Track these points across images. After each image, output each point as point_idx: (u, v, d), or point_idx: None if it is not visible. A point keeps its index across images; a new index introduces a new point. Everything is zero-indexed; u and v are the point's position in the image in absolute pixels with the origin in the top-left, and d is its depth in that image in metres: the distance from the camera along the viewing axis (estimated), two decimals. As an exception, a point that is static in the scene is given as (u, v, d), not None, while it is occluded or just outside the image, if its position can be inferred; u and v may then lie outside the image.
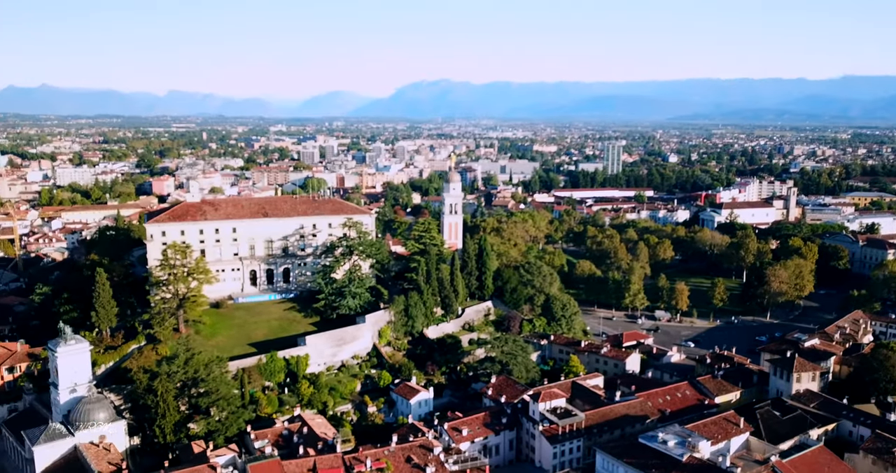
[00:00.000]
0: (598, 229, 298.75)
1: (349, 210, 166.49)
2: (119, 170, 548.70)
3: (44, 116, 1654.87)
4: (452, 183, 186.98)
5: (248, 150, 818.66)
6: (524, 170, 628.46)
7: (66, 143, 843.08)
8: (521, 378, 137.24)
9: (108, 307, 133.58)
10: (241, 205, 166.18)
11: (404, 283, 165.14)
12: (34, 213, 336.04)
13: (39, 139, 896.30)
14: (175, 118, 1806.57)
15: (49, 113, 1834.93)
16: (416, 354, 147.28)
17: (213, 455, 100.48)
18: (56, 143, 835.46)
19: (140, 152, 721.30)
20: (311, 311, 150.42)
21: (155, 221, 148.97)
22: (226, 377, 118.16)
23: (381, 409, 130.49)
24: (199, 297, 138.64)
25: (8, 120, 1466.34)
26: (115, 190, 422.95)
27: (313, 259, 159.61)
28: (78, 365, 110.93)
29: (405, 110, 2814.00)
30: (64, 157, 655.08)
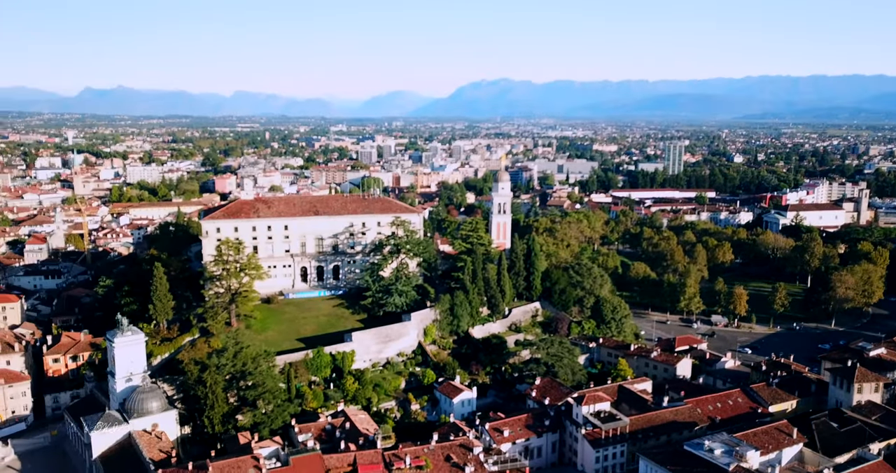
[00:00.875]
0: (655, 230, 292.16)
1: (398, 209, 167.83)
2: (185, 169, 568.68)
3: (118, 117, 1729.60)
4: (501, 182, 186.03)
5: (308, 150, 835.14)
6: (582, 170, 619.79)
7: (137, 143, 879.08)
8: (567, 380, 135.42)
9: (164, 300, 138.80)
10: (293, 203, 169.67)
11: (451, 282, 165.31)
12: (104, 210, 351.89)
13: (113, 138, 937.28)
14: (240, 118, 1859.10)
15: (124, 113, 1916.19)
16: (460, 353, 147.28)
17: (258, 446, 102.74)
18: (128, 143, 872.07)
19: (206, 151, 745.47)
20: (359, 308, 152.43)
21: (210, 218, 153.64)
22: (273, 371, 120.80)
23: (424, 407, 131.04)
24: (251, 292, 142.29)
25: (85, 120, 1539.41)
26: (180, 187, 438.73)
27: (362, 256, 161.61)
28: (134, 355, 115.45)
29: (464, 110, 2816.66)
30: (135, 156, 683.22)
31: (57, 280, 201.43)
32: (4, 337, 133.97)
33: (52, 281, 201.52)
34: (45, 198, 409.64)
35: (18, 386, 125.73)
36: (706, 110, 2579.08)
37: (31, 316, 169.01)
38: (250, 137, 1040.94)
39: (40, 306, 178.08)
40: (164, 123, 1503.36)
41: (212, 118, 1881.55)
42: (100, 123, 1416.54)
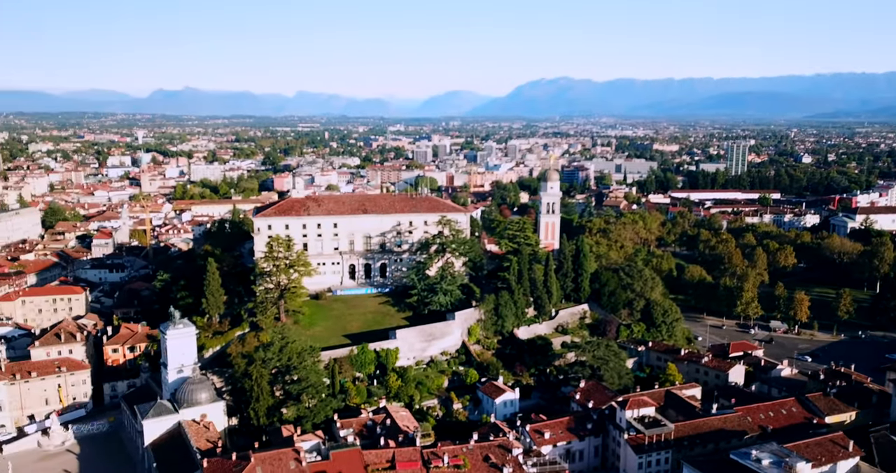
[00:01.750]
0: (713, 233, 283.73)
1: (445, 208, 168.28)
2: (246, 168, 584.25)
3: (186, 117, 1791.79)
4: (550, 181, 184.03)
5: (365, 149, 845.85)
6: (640, 170, 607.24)
7: (202, 142, 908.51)
8: (613, 384, 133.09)
9: (216, 295, 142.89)
10: (342, 201, 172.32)
11: (497, 282, 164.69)
12: (168, 206, 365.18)
13: (180, 138, 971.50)
14: (301, 118, 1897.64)
15: (191, 114, 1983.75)
16: (505, 354, 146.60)
17: (300, 439, 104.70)
18: (194, 142, 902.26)
19: (267, 150, 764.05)
20: (405, 306, 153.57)
21: (262, 215, 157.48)
22: (317, 366, 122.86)
23: (467, 407, 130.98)
24: (299, 289, 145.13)
25: (155, 120, 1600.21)
26: (240, 185, 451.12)
27: (409, 255, 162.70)
28: (185, 347, 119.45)
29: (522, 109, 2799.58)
30: (199, 155, 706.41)
31: (120, 273, 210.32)
32: (68, 327, 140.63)
33: (116, 274, 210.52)
34: (114, 195, 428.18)
35: (80, 374, 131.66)
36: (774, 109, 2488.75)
37: (94, 308, 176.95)
38: (310, 137, 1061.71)
39: (103, 298, 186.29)
40: (228, 123, 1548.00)
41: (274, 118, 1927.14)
42: (168, 123, 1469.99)
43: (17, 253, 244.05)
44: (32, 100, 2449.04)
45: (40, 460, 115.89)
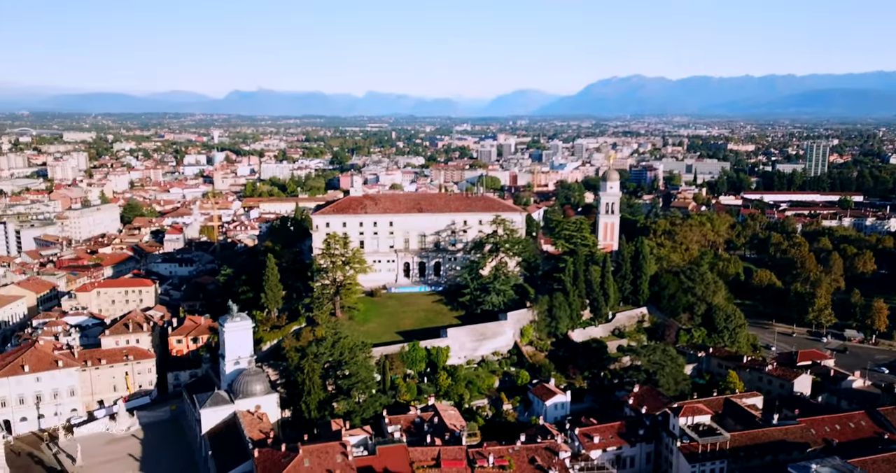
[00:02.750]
0: (785, 236, 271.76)
1: (500, 207, 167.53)
2: (313, 167, 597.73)
3: (259, 117, 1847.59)
4: (610, 181, 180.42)
5: (431, 149, 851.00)
6: (712, 170, 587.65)
7: (274, 141, 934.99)
8: (669, 390, 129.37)
9: (275, 289, 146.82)
10: (398, 200, 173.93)
11: (553, 284, 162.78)
12: (237, 204, 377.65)
13: (253, 137, 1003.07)
14: (371, 118, 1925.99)
15: (264, 114, 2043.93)
16: (558, 356, 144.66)
17: (348, 433, 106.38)
18: (266, 141, 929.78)
19: (335, 150, 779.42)
20: (457, 305, 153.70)
21: (321, 213, 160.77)
22: (368, 362, 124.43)
23: (517, 408, 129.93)
24: (354, 285, 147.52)
25: (231, 120, 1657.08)
26: (307, 184, 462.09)
27: (463, 254, 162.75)
28: (241, 340, 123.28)
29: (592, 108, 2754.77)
30: (270, 154, 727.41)
31: (189, 267, 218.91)
32: (136, 317, 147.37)
33: (185, 268, 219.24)
34: (188, 192, 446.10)
35: (145, 362, 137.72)
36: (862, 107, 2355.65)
37: (163, 300, 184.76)
38: (378, 137, 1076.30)
39: (172, 291, 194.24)
40: (299, 123, 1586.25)
41: (344, 118, 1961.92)
42: (243, 123, 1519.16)
43: (96, 247, 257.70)
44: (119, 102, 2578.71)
45: (107, 443, 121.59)
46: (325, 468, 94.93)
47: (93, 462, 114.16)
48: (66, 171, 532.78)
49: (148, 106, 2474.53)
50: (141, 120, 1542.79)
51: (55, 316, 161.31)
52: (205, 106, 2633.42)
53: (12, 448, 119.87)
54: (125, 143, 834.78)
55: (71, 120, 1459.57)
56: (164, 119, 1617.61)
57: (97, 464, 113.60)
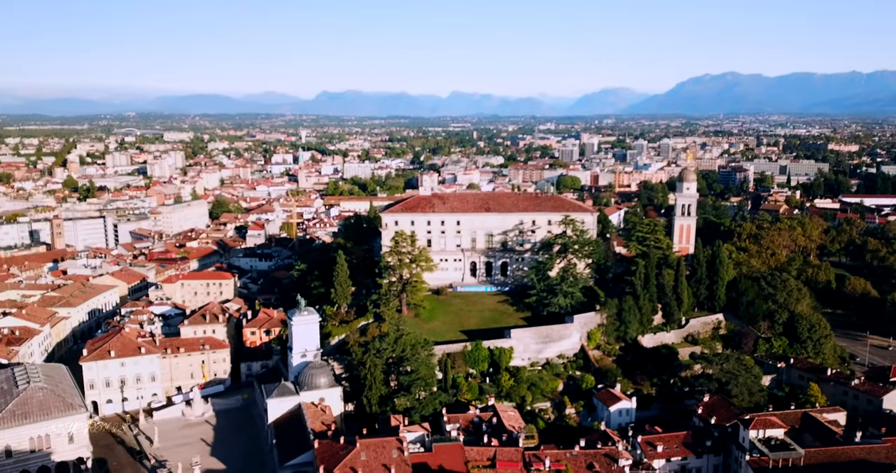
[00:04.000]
0: (884, 242, 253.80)
1: (570, 207, 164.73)
2: (394, 166, 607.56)
3: (347, 117, 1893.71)
4: (686, 182, 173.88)
5: (512, 148, 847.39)
6: (808, 172, 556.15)
7: (359, 141, 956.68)
8: (742, 400, 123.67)
9: (344, 285, 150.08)
10: (466, 199, 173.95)
11: (626, 287, 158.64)
12: (319, 202, 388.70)
13: (339, 137, 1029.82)
14: (454, 118, 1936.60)
15: (351, 114, 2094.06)
16: (626, 361, 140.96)
17: (406, 430, 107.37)
18: (351, 141, 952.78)
19: (417, 150, 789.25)
20: (523, 306, 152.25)
21: (390, 211, 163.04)
22: (430, 359, 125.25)
23: (580, 412, 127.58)
24: (420, 283, 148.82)
25: (319, 121, 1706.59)
26: (387, 183, 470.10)
27: (531, 255, 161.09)
28: (309, 333, 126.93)
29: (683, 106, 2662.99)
30: (354, 154, 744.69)
31: (268, 262, 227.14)
32: (213, 309, 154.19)
33: (265, 263, 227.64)
34: (273, 190, 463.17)
35: (220, 352, 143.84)
36: None
37: (241, 293, 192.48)
38: (460, 136, 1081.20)
39: (250, 284, 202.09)
40: (384, 123, 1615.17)
41: (428, 118, 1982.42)
42: (330, 123, 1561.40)
43: (184, 241, 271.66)
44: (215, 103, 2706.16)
45: (182, 428, 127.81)
46: (380, 462, 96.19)
47: (168, 445, 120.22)
48: (163, 169, 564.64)
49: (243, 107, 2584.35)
50: (235, 120, 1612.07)
51: (142, 305, 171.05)
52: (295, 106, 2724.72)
53: (98, 428, 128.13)
54: (219, 143, 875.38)
55: (172, 120, 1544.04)
56: (256, 119, 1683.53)
57: (172, 447, 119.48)
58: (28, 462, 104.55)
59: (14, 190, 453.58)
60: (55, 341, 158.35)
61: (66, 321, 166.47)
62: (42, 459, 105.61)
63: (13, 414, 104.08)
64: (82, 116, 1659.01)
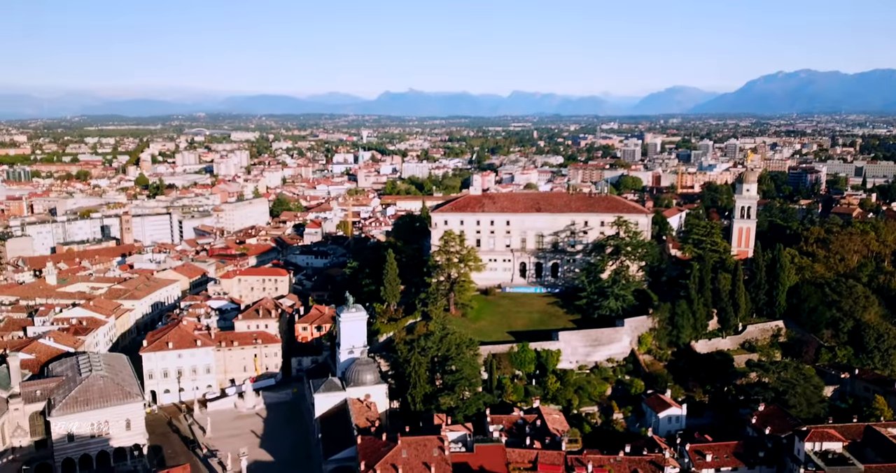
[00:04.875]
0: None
1: (624, 208, 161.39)
2: (452, 166, 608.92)
3: (408, 117, 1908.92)
4: (746, 183, 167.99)
5: (573, 148, 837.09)
6: (887, 174, 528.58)
7: (419, 141, 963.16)
8: (800, 411, 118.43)
9: (393, 283, 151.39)
10: (517, 199, 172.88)
11: (681, 291, 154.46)
12: (376, 201, 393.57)
13: (399, 137, 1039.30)
14: (514, 118, 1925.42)
15: (413, 114, 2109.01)
16: (678, 367, 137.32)
17: (448, 429, 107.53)
18: (411, 141, 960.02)
19: (475, 149, 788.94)
20: (573, 308, 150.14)
21: (439, 211, 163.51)
22: (475, 359, 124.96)
23: (628, 418, 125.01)
24: (468, 283, 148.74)
25: (381, 121, 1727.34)
26: (444, 183, 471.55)
27: (582, 256, 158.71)
28: (356, 330, 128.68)
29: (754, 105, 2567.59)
30: (413, 154, 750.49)
31: (323, 260, 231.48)
32: (266, 304, 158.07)
33: (320, 260, 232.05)
34: (332, 189, 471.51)
35: (272, 347, 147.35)
36: None
37: (296, 289, 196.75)
38: (519, 136, 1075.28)
39: (305, 281, 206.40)
40: (445, 123, 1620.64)
41: (488, 118, 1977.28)
42: (392, 123, 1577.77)
43: (244, 238, 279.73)
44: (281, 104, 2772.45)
45: (234, 419, 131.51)
46: (421, 460, 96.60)
47: (220, 435, 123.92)
48: (229, 168, 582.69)
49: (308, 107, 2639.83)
50: (300, 120, 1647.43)
51: (200, 299, 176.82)
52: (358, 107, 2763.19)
53: (156, 417, 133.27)
54: (283, 142, 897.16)
55: (239, 120, 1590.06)
56: (320, 119, 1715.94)
57: (224, 437, 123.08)
58: (88, 447, 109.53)
59: (90, 187, 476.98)
60: (119, 332, 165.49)
61: (131, 313, 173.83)
62: (101, 444, 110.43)
63: (76, 401, 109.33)
64: (156, 117, 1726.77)
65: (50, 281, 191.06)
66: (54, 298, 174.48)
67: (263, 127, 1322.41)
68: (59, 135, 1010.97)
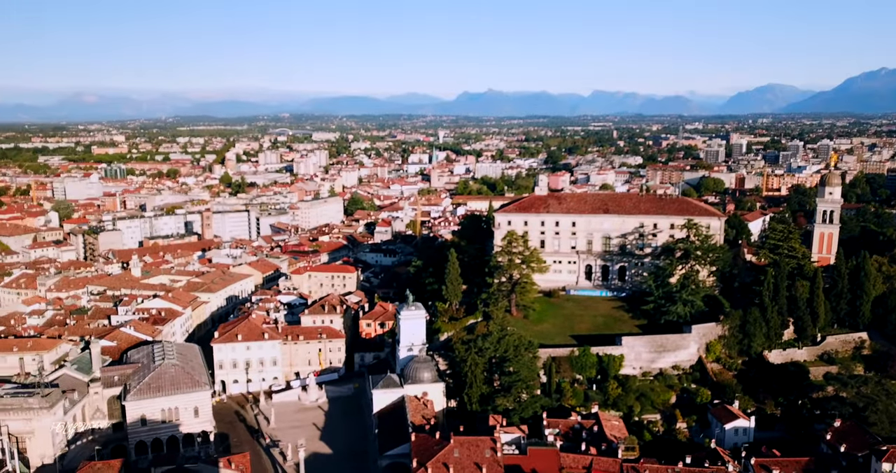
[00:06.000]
0: None
1: (696, 211, 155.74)
2: (526, 166, 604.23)
3: (485, 117, 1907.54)
4: (829, 186, 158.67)
5: (653, 148, 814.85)
6: None
7: (494, 141, 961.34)
8: (882, 429, 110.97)
9: (455, 283, 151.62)
10: (584, 200, 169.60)
11: (755, 298, 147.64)
12: (447, 201, 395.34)
13: (476, 137, 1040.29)
14: (595, 117, 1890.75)
15: (490, 115, 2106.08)
16: (748, 377, 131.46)
17: (503, 430, 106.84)
18: (487, 141, 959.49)
19: (551, 149, 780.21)
20: (639, 313, 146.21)
21: (503, 211, 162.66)
22: (533, 362, 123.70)
23: (692, 427, 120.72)
24: (530, 285, 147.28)
25: (458, 121, 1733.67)
26: (516, 183, 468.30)
27: (650, 259, 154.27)
28: (415, 328, 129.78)
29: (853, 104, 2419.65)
30: (488, 154, 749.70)
31: (391, 258, 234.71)
32: (332, 300, 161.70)
33: (388, 258, 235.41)
34: (406, 188, 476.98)
35: (336, 341, 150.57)
36: None
37: (363, 286, 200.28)
38: (598, 136, 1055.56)
39: (372, 278, 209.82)
40: (522, 123, 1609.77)
41: (567, 118, 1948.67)
42: (469, 124, 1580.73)
43: (317, 235, 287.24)
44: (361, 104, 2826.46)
45: (297, 411, 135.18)
46: (473, 460, 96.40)
47: (283, 426, 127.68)
48: (308, 167, 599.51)
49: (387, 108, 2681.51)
50: (379, 121, 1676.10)
51: (271, 293, 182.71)
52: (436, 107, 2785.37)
53: (225, 406, 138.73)
54: (361, 143, 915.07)
55: (321, 121, 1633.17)
56: (399, 120, 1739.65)
57: (286, 428, 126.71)
58: (159, 431, 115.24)
59: (178, 184, 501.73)
60: (195, 323, 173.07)
61: (206, 305, 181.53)
62: (171, 429, 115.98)
63: (148, 387, 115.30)
64: (243, 117, 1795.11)
65: (135, 273, 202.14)
66: (138, 289, 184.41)
67: (344, 127, 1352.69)
68: (153, 134, 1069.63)
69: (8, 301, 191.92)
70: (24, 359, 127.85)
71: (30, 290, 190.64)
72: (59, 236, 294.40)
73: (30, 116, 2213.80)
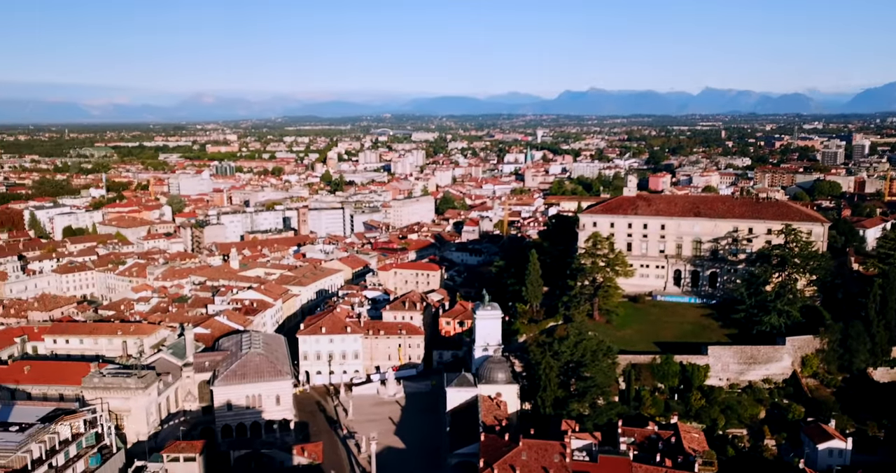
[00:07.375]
0: None
1: (796, 215, 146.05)
2: (626, 166, 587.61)
3: (587, 117, 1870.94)
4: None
5: (765, 149, 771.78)
6: None
7: (595, 141, 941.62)
8: None
9: (535, 284, 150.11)
10: (674, 202, 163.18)
11: (860, 311, 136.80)
12: (540, 201, 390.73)
13: (575, 137, 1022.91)
14: (704, 116, 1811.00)
15: (593, 113, 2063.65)
16: (848, 394, 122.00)
17: (575, 436, 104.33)
18: (587, 141, 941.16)
19: (654, 149, 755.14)
20: (730, 322, 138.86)
21: (588, 212, 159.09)
22: (611, 368, 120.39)
23: (781, 445, 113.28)
24: (614, 289, 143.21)
25: (559, 120, 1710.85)
26: (613, 184, 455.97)
27: (744, 266, 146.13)
28: (490, 327, 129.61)
29: None
30: (587, 153, 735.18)
31: (477, 257, 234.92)
32: (413, 297, 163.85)
33: (474, 257, 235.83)
34: (498, 188, 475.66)
35: (415, 338, 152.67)
36: None
37: (447, 284, 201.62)
38: (706, 136, 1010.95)
39: (456, 277, 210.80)
40: (626, 122, 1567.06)
41: (674, 117, 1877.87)
42: (570, 123, 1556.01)
43: (407, 233, 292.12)
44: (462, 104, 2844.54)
45: (375, 405, 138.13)
46: (541, 464, 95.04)
47: (360, 418, 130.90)
48: (405, 167, 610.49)
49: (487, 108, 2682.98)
50: (478, 121, 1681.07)
51: (357, 289, 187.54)
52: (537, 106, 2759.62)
53: (308, 396, 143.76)
54: (459, 142, 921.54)
55: (422, 121, 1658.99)
56: (498, 120, 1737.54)
57: (363, 421, 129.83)
58: (243, 416, 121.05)
59: (281, 182, 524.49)
60: (286, 315, 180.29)
61: (297, 298, 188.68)
62: (254, 415, 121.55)
63: (234, 374, 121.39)
64: (347, 117, 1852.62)
65: (234, 265, 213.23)
66: (235, 281, 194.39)
67: (443, 127, 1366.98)
68: (262, 134, 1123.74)
69: (121, 288, 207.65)
70: (126, 342, 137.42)
71: (140, 279, 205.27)
72: (170, 229, 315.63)
73: (154, 116, 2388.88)
